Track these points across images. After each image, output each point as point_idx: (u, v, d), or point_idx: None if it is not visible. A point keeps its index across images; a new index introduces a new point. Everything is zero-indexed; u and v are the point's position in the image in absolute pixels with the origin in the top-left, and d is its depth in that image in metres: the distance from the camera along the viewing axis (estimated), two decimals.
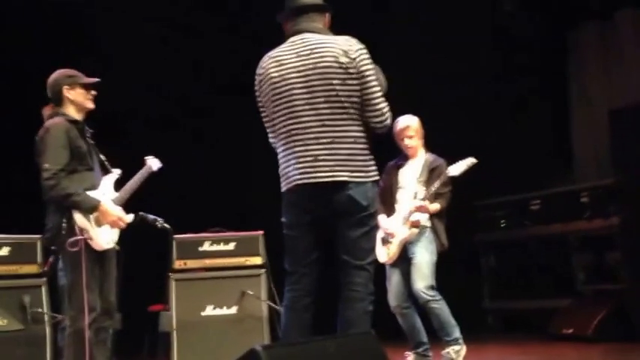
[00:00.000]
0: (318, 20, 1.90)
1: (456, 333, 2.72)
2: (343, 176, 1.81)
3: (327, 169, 1.81)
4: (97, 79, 2.27)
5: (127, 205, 2.34)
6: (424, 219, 2.78)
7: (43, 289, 2.94)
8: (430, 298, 2.69)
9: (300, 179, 1.83)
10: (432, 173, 2.80)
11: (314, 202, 1.84)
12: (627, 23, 4.40)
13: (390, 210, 2.84)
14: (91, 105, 2.28)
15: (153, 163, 2.43)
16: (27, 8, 3.90)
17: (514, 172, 4.39)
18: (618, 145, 3.50)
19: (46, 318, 2.89)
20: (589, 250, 3.92)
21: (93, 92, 2.27)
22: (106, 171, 2.32)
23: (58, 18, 3.94)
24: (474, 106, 4.51)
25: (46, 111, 2.27)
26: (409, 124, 2.84)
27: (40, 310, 2.88)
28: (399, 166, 2.89)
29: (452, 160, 2.81)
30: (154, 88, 4.20)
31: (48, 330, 2.89)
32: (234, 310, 3.12)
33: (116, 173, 2.32)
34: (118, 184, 2.37)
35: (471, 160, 2.73)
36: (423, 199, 2.72)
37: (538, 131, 4.75)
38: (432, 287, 2.71)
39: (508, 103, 4.76)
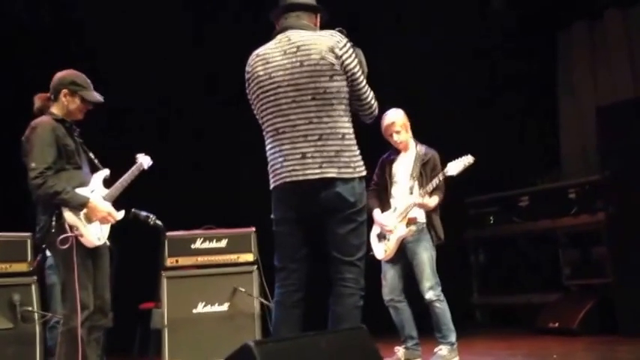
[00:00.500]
0: (305, 19, 1.91)
1: (452, 337, 2.75)
2: (331, 173, 1.82)
3: (315, 166, 1.82)
4: (100, 100, 2.25)
5: (120, 202, 2.33)
6: (421, 215, 2.80)
7: (33, 288, 2.93)
8: (435, 298, 2.72)
9: (289, 176, 1.85)
10: (424, 167, 2.81)
11: (302, 198, 1.85)
12: (616, 22, 4.46)
13: (384, 205, 2.85)
14: (80, 117, 2.27)
15: (144, 161, 2.43)
16: (30, 13, 3.87)
17: (503, 169, 4.45)
18: (605, 142, 3.54)
19: (36, 316, 2.87)
20: (576, 245, 3.99)
21: (90, 107, 2.26)
22: (95, 169, 2.32)
23: (61, 24, 3.92)
24: (462, 104, 4.55)
25: (38, 100, 2.25)
26: (394, 119, 2.85)
27: (30, 308, 2.87)
28: (392, 161, 2.90)
29: (444, 159, 2.83)
30: (149, 87, 4.18)
31: (38, 328, 2.88)
32: (225, 307, 3.13)
33: (105, 172, 2.32)
34: (109, 182, 2.36)
35: (468, 160, 2.75)
36: (422, 195, 2.73)
37: (526, 129, 4.81)
38: (437, 285, 2.74)
39: (497, 102, 4.81)
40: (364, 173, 1.90)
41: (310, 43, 1.84)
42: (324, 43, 1.83)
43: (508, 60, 4.71)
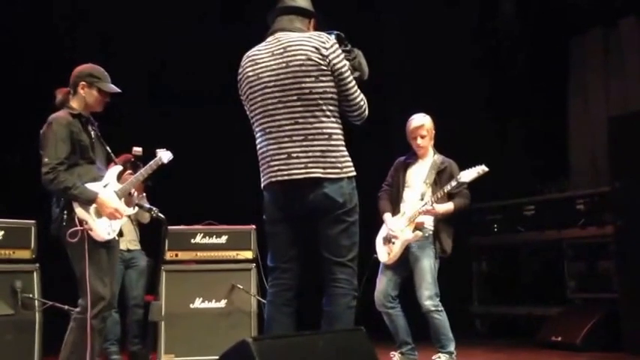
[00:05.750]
0: (298, 22, 1.93)
1: (451, 347, 2.72)
2: (316, 172, 1.82)
3: (300, 165, 1.82)
4: (117, 90, 2.29)
5: None
6: (428, 222, 2.77)
7: (35, 275, 2.95)
8: (433, 308, 2.69)
9: (275, 176, 1.86)
10: (439, 175, 2.79)
11: (289, 199, 1.86)
12: (630, 31, 4.39)
13: (395, 208, 2.83)
14: (99, 109, 2.31)
15: (163, 155, 2.43)
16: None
17: (509, 177, 4.39)
18: (616, 152, 3.47)
19: (37, 304, 2.88)
20: (582, 258, 3.91)
21: (107, 100, 2.30)
22: (111, 162, 2.36)
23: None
24: (472, 110, 4.51)
25: (59, 94, 2.30)
26: (423, 122, 2.83)
27: (30, 295, 2.88)
28: (408, 165, 2.88)
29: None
30: (152, 80, 4.19)
31: (38, 316, 2.90)
32: (222, 303, 3.13)
33: (119, 167, 2.34)
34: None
35: (482, 168, 2.72)
36: (431, 203, 2.70)
37: (535, 137, 4.75)
38: (436, 295, 2.71)
39: (506, 108, 4.76)
40: (353, 173, 1.89)
41: (297, 44, 1.85)
42: (311, 43, 1.84)
43: (518, 66, 4.66)
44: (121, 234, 2.32)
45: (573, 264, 3.94)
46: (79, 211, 2.14)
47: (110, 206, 2.18)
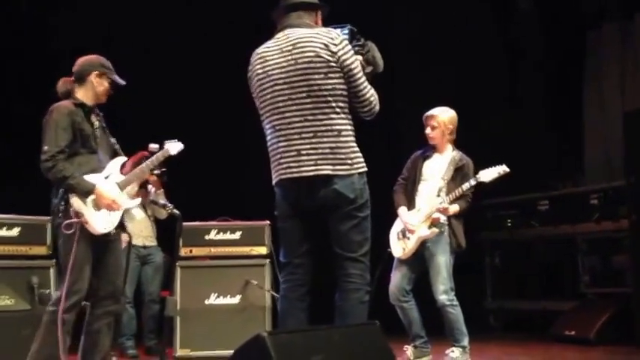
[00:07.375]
0: (306, 17, 1.92)
1: (464, 341, 2.72)
2: (326, 169, 1.82)
3: (310, 163, 1.83)
4: (124, 82, 2.29)
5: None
6: (443, 218, 2.76)
7: (52, 271, 2.98)
8: (448, 302, 2.69)
9: (285, 174, 1.87)
10: (456, 172, 2.77)
11: (300, 195, 1.87)
12: None
13: (410, 202, 2.82)
14: (104, 99, 2.30)
15: (171, 147, 2.35)
16: None
17: (523, 172, 4.34)
18: (631, 147, 3.44)
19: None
20: (596, 252, 3.89)
21: (112, 91, 2.29)
22: (115, 155, 2.32)
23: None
24: (486, 105, 4.47)
25: (61, 84, 2.27)
26: (435, 113, 2.83)
27: (47, 291, 2.92)
28: (426, 158, 2.87)
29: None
30: (166, 77, 4.21)
31: None
32: (237, 299, 3.14)
33: (122, 159, 2.32)
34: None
35: (503, 169, 2.70)
36: (447, 201, 2.69)
37: (550, 131, 4.69)
38: (451, 289, 2.71)
39: (521, 103, 4.70)
40: (364, 169, 1.89)
41: (305, 41, 1.84)
42: (320, 40, 1.84)
43: (534, 60, 4.60)
44: (123, 228, 2.27)
45: (587, 258, 3.92)
46: (76, 203, 2.10)
47: (108, 197, 2.13)
